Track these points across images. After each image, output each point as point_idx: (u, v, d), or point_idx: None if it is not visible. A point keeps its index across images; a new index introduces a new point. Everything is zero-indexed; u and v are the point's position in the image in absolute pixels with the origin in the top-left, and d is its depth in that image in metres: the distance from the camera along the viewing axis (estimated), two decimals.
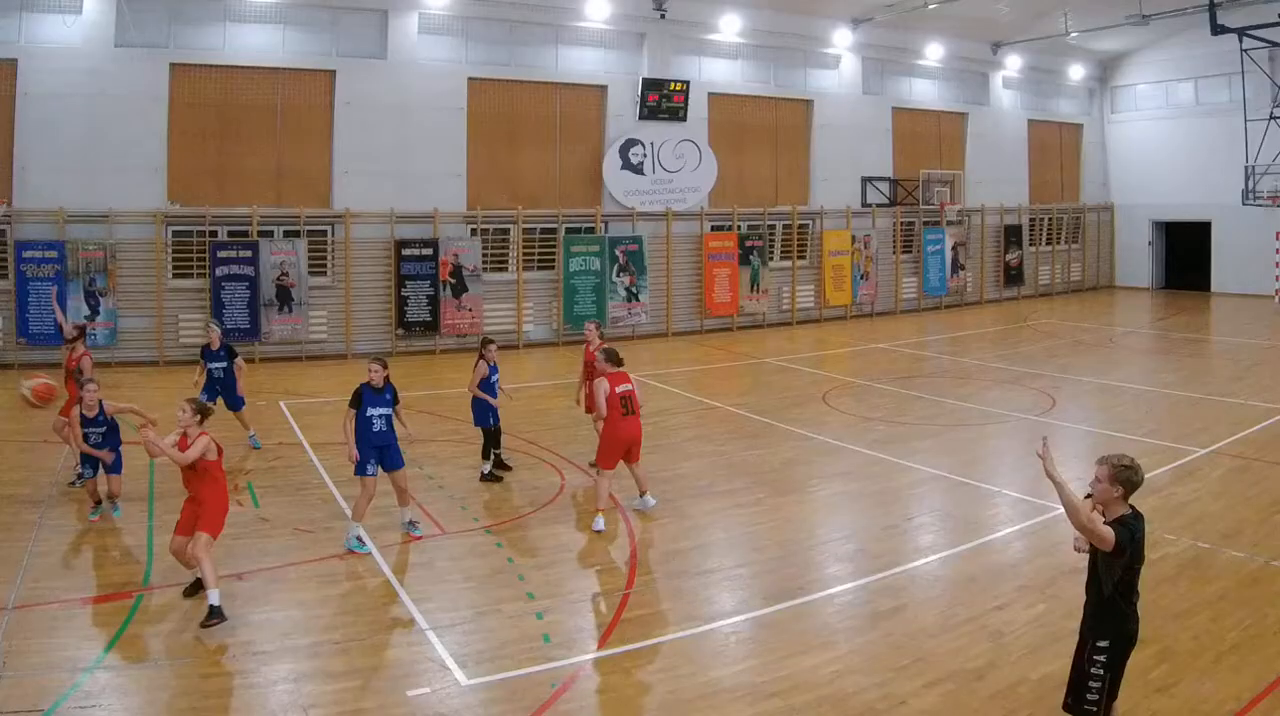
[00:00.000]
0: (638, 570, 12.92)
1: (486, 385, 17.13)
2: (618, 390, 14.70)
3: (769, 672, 9.98)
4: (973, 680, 9.73)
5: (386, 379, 14.01)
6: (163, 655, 10.28)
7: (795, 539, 14.15)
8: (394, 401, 14.06)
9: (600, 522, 14.34)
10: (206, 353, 19.14)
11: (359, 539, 13.64)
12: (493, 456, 17.46)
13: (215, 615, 10.69)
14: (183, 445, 11.58)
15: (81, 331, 18.41)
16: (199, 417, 11.79)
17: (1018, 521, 14.77)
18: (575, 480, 17.12)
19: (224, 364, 18.96)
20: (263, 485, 16.59)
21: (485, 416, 17.26)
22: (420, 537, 13.99)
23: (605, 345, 16.04)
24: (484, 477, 17.17)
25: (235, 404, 19.04)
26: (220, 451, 11.81)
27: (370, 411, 13.77)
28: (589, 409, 17.16)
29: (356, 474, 13.73)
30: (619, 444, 14.76)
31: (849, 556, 13.47)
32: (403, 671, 10.05)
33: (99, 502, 14.79)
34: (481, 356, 17.22)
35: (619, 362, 15.10)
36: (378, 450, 13.85)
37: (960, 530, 14.43)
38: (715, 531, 14.47)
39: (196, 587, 11.49)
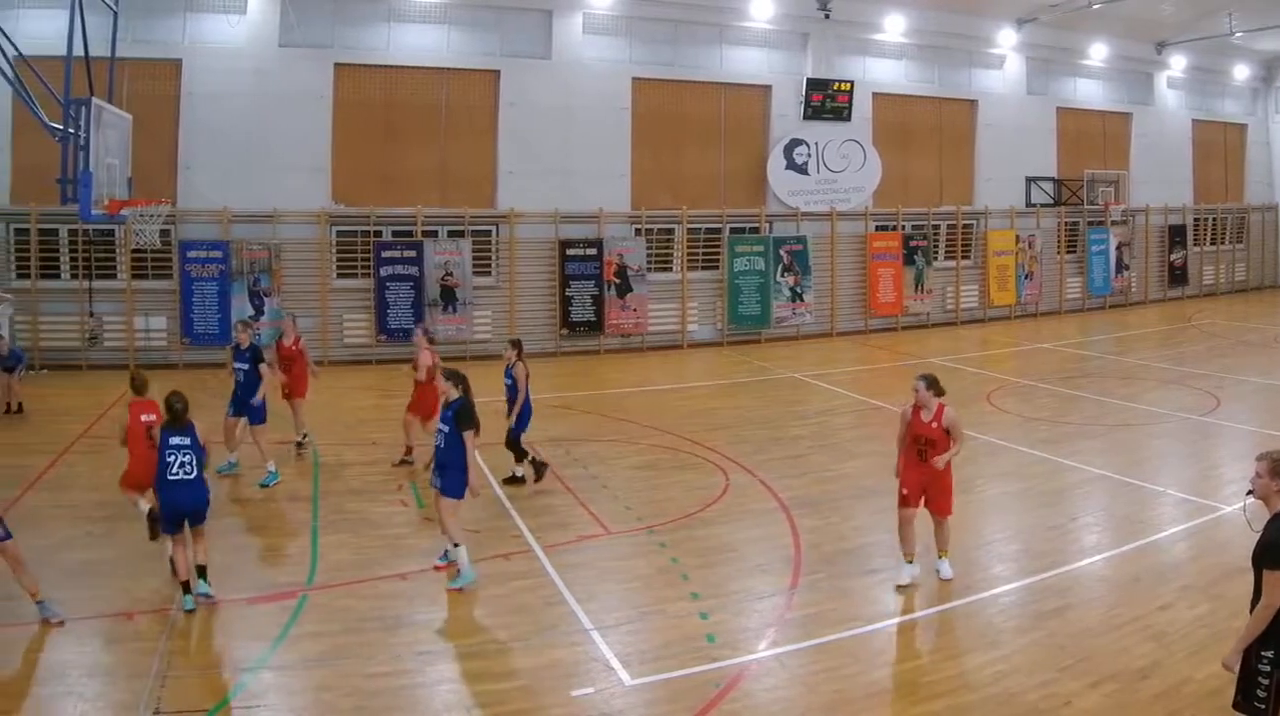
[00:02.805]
0: (802, 570, 11.50)
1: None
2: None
3: (934, 672, 9.08)
4: (1137, 680, 8.78)
5: (454, 395, 11.19)
6: (328, 655, 9.25)
7: (959, 539, 11.94)
8: (453, 421, 10.97)
9: (907, 574, 11.05)
10: (235, 352, 15.12)
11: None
12: (528, 462, 14.75)
13: None
14: None
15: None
16: None
17: (1182, 521, 13.16)
18: (739, 480, 15.07)
19: (246, 366, 14.78)
20: (427, 486, 13.95)
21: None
22: (444, 567, 11.41)
23: (926, 373, 11.49)
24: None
25: (252, 416, 14.87)
26: None
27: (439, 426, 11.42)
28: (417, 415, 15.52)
29: None
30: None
31: (1013, 556, 12.14)
32: (567, 671, 9.07)
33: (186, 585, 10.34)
34: None
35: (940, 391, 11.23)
36: (439, 466, 11.22)
37: (1124, 530, 12.88)
38: (879, 531, 12.47)
39: None
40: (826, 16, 29.73)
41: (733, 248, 29.11)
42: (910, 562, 10.90)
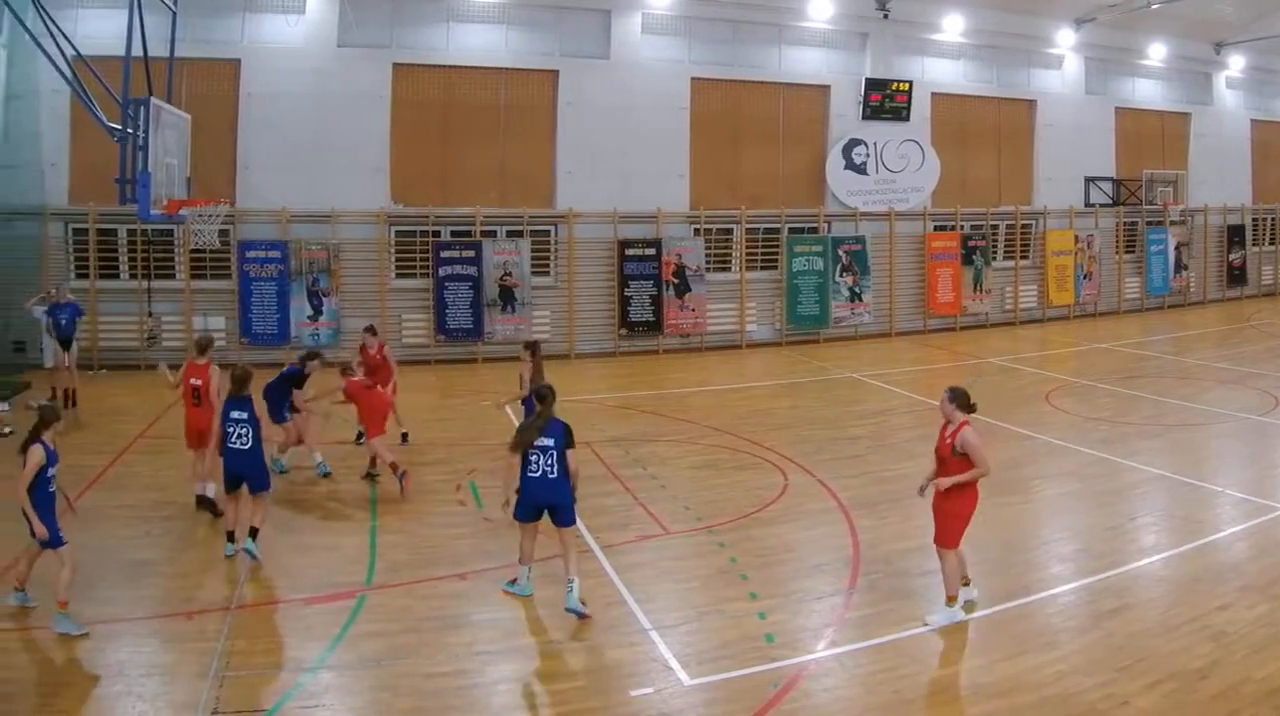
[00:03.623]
0: (860, 570, 10.72)
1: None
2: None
3: (992, 673, 8.35)
4: (1196, 680, 8.09)
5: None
6: (385, 655, 8.66)
7: (1018, 539, 11.76)
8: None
9: (955, 614, 9.30)
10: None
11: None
12: None
13: None
14: None
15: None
16: None
17: (1241, 521, 12.29)
18: (797, 480, 14.01)
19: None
20: (486, 485, 13.50)
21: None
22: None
23: (954, 387, 9.51)
24: None
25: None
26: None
27: None
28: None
29: None
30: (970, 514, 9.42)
31: (1071, 556, 11.26)
32: (626, 671, 8.47)
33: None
34: None
35: (969, 406, 9.32)
36: None
37: (1183, 530, 12.05)
38: None
39: None
40: (885, 16, 27.73)
41: (791, 248, 27.09)
42: (950, 604, 9.28)
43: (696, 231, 26.17)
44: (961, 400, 9.15)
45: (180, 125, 18.04)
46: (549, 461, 9.50)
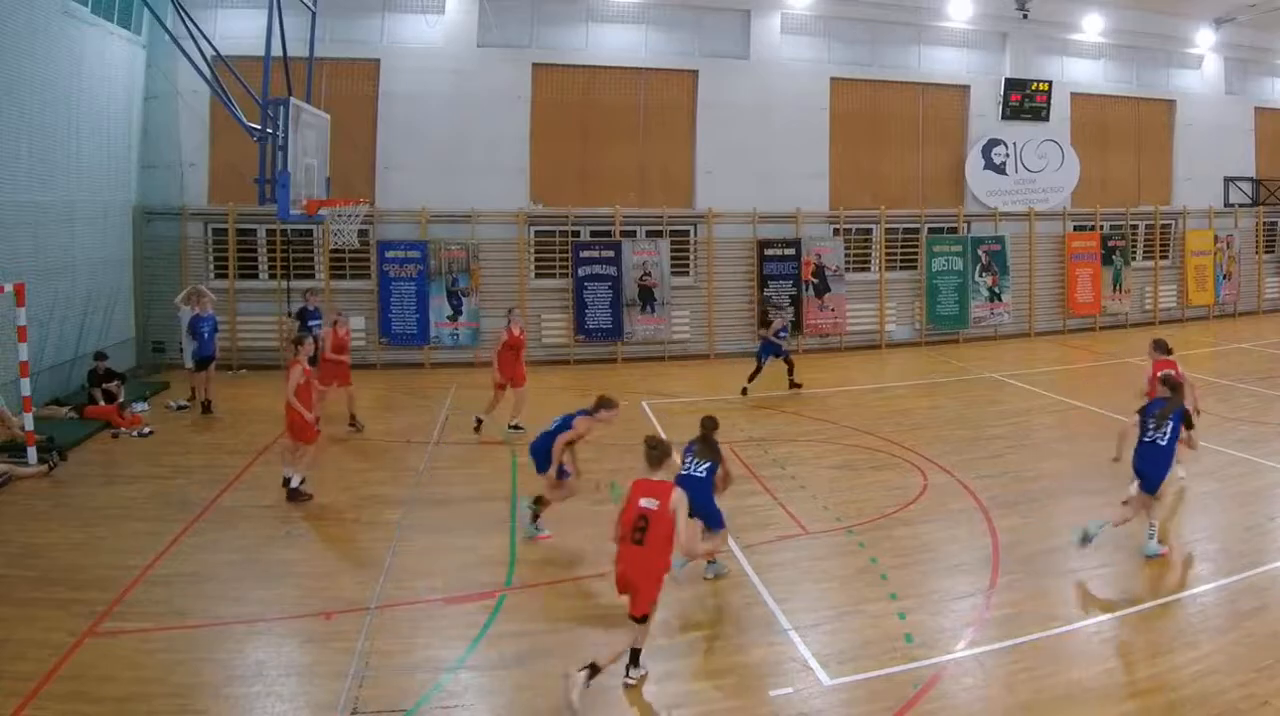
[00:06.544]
0: (1000, 569, 8.49)
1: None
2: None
3: (1131, 673, 6.69)
4: None
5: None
6: (526, 654, 6.96)
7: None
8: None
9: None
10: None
11: None
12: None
13: None
14: None
15: None
16: None
17: None
18: (937, 479, 11.35)
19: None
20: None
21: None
22: None
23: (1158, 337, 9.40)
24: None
25: None
26: None
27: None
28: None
29: None
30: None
31: (1211, 556, 8.90)
32: (765, 671, 6.82)
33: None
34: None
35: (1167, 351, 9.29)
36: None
37: None
38: None
39: None
40: (1025, 16, 21.95)
41: (931, 248, 21.65)
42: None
43: (836, 231, 20.94)
44: (1157, 345, 9.54)
45: (319, 125, 14.77)
46: (1162, 431, 8.61)
